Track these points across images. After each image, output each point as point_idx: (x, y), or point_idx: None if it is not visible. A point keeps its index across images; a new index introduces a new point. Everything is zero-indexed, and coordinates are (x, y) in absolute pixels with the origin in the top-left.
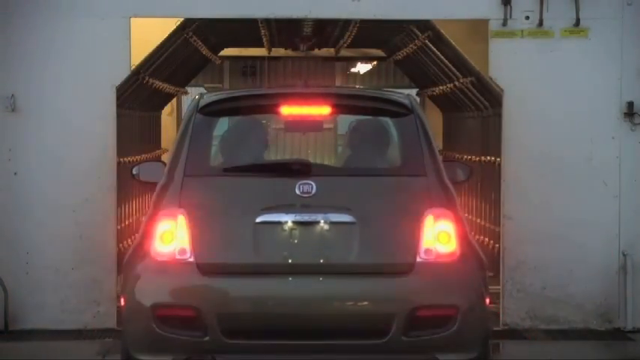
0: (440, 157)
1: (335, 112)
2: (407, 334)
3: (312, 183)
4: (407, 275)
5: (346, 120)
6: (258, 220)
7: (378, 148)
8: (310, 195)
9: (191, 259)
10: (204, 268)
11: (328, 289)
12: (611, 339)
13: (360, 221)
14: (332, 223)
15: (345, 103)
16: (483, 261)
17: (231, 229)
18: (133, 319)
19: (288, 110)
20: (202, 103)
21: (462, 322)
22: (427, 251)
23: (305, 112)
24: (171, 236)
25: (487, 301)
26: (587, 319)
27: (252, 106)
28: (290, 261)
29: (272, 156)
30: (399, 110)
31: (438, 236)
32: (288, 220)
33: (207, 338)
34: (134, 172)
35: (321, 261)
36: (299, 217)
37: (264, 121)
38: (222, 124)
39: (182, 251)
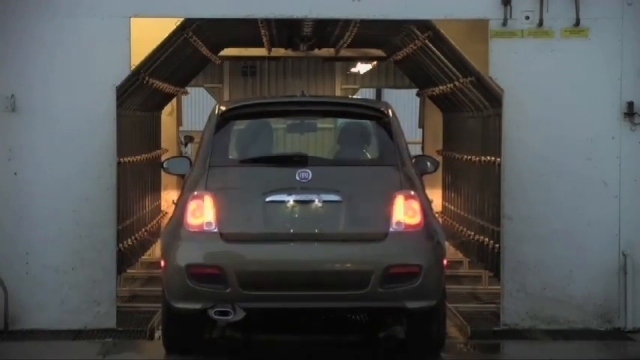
0: (409, 152)
1: (326, 116)
2: (382, 287)
3: (309, 171)
4: (382, 241)
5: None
6: (267, 199)
7: (361, 144)
8: (307, 180)
9: (215, 230)
10: (226, 237)
11: (321, 252)
12: (611, 339)
13: (346, 200)
14: (324, 202)
15: (334, 109)
16: (441, 231)
17: (246, 207)
18: (172, 276)
19: (289, 115)
20: (222, 110)
21: (424, 277)
22: (398, 223)
23: (301, 117)
24: (200, 212)
25: (444, 261)
26: (587, 319)
27: (260, 112)
28: (292, 231)
29: (278, 150)
30: (377, 115)
31: (406, 212)
32: (290, 199)
33: (228, 290)
34: (165, 165)
35: (316, 231)
36: (298, 197)
37: (271, 124)
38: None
39: (209, 224)
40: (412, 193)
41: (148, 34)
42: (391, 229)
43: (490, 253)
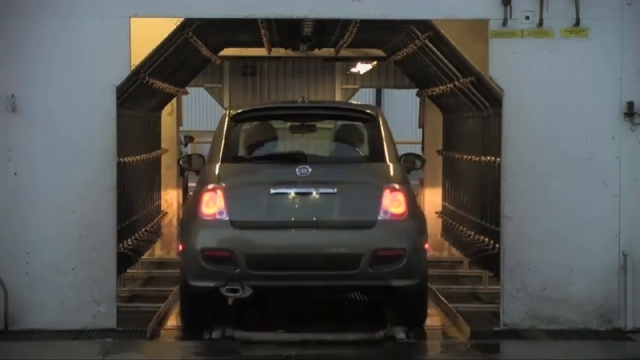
0: (396, 150)
1: (323, 120)
2: (371, 267)
3: (308, 167)
4: (371, 228)
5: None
6: (272, 191)
7: (354, 144)
8: (306, 175)
9: (227, 218)
10: (236, 224)
11: (319, 238)
12: (611, 339)
13: (340, 192)
14: (321, 194)
15: (330, 113)
16: (423, 219)
17: (254, 198)
18: (189, 258)
19: (291, 119)
20: (232, 113)
21: (408, 259)
22: (385, 212)
23: (302, 120)
24: (213, 203)
25: (426, 245)
26: (588, 319)
27: (266, 116)
28: (293, 219)
29: (281, 149)
30: (367, 117)
31: (393, 202)
32: (291, 191)
33: (237, 270)
34: (181, 162)
35: (314, 219)
36: (299, 190)
37: (275, 126)
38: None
39: (220, 213)
40: (398, 186)
41: (148, 34)
42: (379, 218)
43: (490, 253)
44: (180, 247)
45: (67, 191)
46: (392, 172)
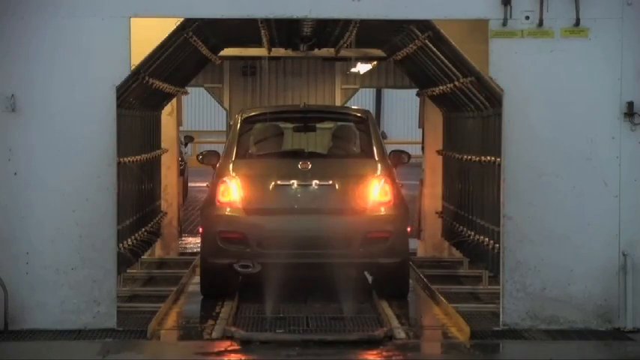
0: (383, 147)
1: (322, 121)
2: (362, 247)
3: (308, 162)
4: (362, 214)
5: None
6: (278, 183)
7: (348, 142)
8: (307, 169)
9: (240, 205)
10: (247, 211)
11: (317, 222)
12: (611, 339)
13: (336, 184)
14: (319, 185)
15: (327, 116)
16: (406, 207)
17: (262, 188)
18: (207, 239)
19: (294, 120)
20: (244, 116)
21: (392, 241)
22: (374, 201)
23: (304, 121)
24: (228, 192)
25: (408, 229)
26: (587, 319)
27: (273, 117)
28: (295, 206)
29: (286, 147)
30: (359, 119)
31: (380, 192)
32: (294, 183)
33: (248, 250)
34: (199, 158)
35: (313, 206)
36: (301, 182)
37: (280, 126)
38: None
39: (234, 201)
40: (385, 178)
41: (148, 34)
42: (369, 205)
43: (490, 253)
44: (200, 230)
45: (67, 191)
46: (380, 167)
